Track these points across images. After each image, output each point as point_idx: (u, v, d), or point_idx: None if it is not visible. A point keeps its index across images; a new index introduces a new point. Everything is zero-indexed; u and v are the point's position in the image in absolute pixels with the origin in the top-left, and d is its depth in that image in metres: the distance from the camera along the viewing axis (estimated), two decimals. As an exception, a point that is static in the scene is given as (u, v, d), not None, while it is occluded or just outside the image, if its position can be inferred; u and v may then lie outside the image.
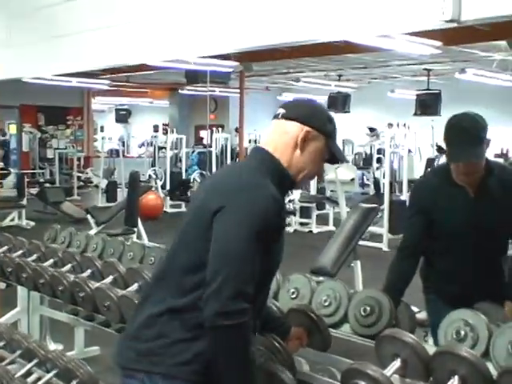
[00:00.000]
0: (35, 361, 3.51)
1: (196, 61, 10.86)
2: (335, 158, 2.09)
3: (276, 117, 2.06)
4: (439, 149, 14.40)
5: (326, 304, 2.76)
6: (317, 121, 2.02)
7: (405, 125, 9.55)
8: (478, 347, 2.28)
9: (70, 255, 3.80)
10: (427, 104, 13.76)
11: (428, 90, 13.83)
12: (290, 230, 11.03)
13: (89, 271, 3.55)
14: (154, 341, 1.88)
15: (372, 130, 14.78)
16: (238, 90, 14.17)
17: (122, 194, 14.38)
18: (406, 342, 2.14)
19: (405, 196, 9.82)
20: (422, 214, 2.90)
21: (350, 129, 16.56)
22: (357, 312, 2.66)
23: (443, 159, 13.72)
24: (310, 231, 11.00)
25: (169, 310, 1.89)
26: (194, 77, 13.49)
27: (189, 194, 13.44)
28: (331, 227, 11.10)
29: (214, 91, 18.28)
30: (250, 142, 15.00)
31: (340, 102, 14.64)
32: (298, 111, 2.05)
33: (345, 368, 2.16)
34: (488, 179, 2.78)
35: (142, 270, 3.25)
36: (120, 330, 3.41)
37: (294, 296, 2.88)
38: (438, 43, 8.60)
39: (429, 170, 14.46)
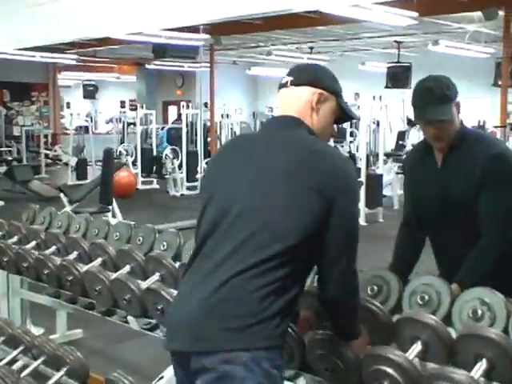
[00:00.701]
0: (21, 347, 3.36)
1: (164, 34, 10.63)
2: (348, 115, 2.11)
3: (284, 85, 2.06)
4: (409, 122, 14.39)
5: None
6: (325, 82, 2.04)
7: (380, 97, 9.46)
8: (496, 327, 2.19)
9: (53, 236, 3.61)
10: (398, 77, 13.74)
11: (398, 62, 13.80)
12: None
13: (75, 253, 3.38)
14: (253, 313, 1.76)
15: (343, 103, 14.68)
16: (206, 65, 13.94)
17: (92, 171, 14.13)
18: (427, 323, 2.05)
19: (381, 169, 9.76)
20: (410, 187, 2.81)
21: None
22: (363, 292, 2.55)
23: (413, 132, 13.73)
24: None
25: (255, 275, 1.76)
26: (161, 51, 13.25)
27: (163, 170, 13.26)
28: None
29: (183, 66, 18.01)
30: (222, 116, 14.78)
31: (312, 75, 14.50)
32: (305, 76, 2.04)
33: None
34: (456, 148, 2.57)
35: (132, 251, 3.09)
36: (106, 312, 3.27)
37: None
38: (414, 14, 8.52)
39: (400, 142, 14.53)
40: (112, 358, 4.11)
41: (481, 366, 1.90)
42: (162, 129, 16.03)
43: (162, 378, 2.90)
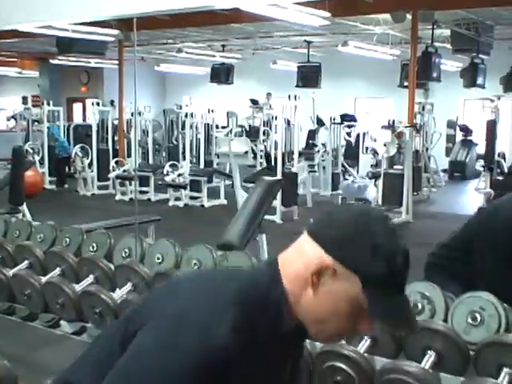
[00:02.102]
0: None
1: (71, 28, 10.32)
2: (387, 320, 1.33)
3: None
4: (319, 121, 14.66)
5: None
6: (350, 251, 1.26)
7: (296, 97, 9.57)
8: (436, 319, 2.26)
9: None
10: (308, 76, 13.97)
11: (309, 62, 14.03)
12: (180, 204, 10.84)
13: None
14: None
15: (254, 102, 14.77)
16: (113, 61, 13.63)
17: (-6, 170, 13.55)
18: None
19: (295, 168, 9.88)
20: None
21: (233, 101, 16.52)
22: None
23: (323, 131, 13.99)
24: (202, 205, 10.86)
25: None
26: (67, 46, 12.87)
27: (71, 169, 12.86)
28: (223, 200, 11.02)
29: (89, 62, 17.55)
30: (132, 114, 14.52)
31: (223, 73, 14.53)
32: (326, 230, 1.30)
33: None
34: None
35: (62, 253, 2.99)
36: (26, 317, 3.16)
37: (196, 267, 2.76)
38: (327, 14, 8.67)
39: (310, 141, 14.77)
40: (35, 365, 3.94)
41: (429, 358, 1.96)
42: (73, 127, 15.48)
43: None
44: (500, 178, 11.25)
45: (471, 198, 12.03)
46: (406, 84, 11.45)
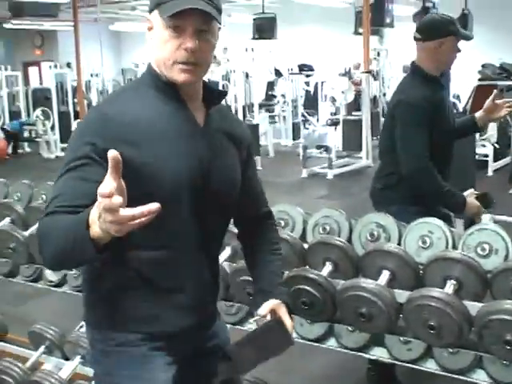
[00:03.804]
0: None
1: None
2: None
3: None
4: (277, 72, 14.79)
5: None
6: None
7: (252, 49, 9.68)
8: (390, 245, 2.51)
9: None
10: (264, 28, 13.98)
11: (263, 13, 14.05)
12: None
13: None
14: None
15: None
16: (67, 23, 13.47)
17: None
18: (335, 245, 2.33)
19: (256, 119, 10.06)
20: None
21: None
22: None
23: (281, 81, 14.14)
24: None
25: None
26: (19, 9, 12.72)
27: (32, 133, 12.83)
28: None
29: (42, 25, 17.29)
30: (92, 76, 14.45)
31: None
32: None
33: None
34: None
35: (11, 204, 3.19)
36: (8, 274, 3.32)
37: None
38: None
39: (270, 92, 14.92)
40: (22, 318, 4.14)
41: (384, 276, 2.21)
42: (32, 91, 15.30)
43: (82, 326, 3.03)
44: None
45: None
46: (360, 31, 11.61)
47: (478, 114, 3.25)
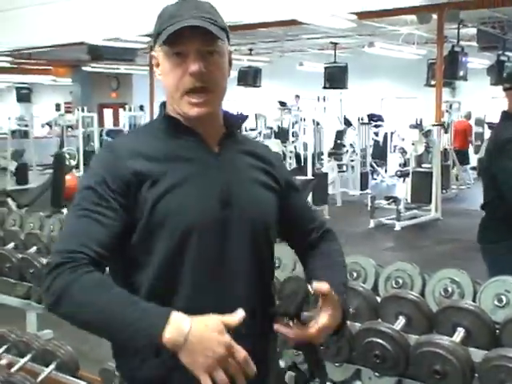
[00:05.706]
0: (4, 346, 3.45)
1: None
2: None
3: None
4: (346, 121, 14.84)
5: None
6: None
7: (324, 98, 9.78)
8: (465, 302, 2.46)
9: (11, 233, 3.80)
10: (335, 77, 14.11)
11: (335, 63, 14.20)
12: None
13: (34, 248, 3.59)
14: None
15: (283, 103, 14.99)
16: (142, 67, 13.89)
17: (32, 175, 13.96)
18: (408, 299, 2.30)
19: (326, 168, 10.08)
20: None
21: (261, 103, 16.72)
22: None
23: (350, 131, 14.18)
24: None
25: None
26: (98, 53, 13.17)
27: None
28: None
29: (119, 68, 17.93)
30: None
31: (251, 76, 14.75)
32: None
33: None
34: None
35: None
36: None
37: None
38: (354, 17, 8.87)
39: (339, 141, 14.95)
40: (86, 355, 4.19)
41: (459, 333, 2.17)
42: (106, 132, 15.90)
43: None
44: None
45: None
46: (432, 83, 11.55)
47: None
